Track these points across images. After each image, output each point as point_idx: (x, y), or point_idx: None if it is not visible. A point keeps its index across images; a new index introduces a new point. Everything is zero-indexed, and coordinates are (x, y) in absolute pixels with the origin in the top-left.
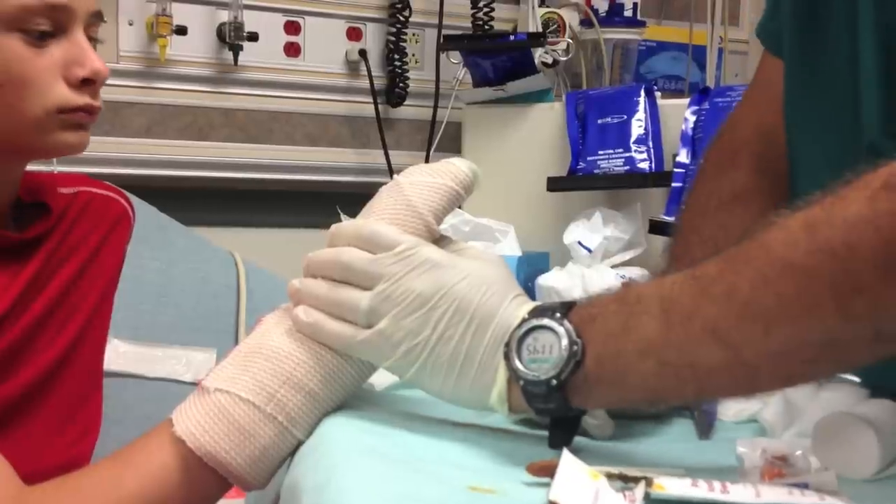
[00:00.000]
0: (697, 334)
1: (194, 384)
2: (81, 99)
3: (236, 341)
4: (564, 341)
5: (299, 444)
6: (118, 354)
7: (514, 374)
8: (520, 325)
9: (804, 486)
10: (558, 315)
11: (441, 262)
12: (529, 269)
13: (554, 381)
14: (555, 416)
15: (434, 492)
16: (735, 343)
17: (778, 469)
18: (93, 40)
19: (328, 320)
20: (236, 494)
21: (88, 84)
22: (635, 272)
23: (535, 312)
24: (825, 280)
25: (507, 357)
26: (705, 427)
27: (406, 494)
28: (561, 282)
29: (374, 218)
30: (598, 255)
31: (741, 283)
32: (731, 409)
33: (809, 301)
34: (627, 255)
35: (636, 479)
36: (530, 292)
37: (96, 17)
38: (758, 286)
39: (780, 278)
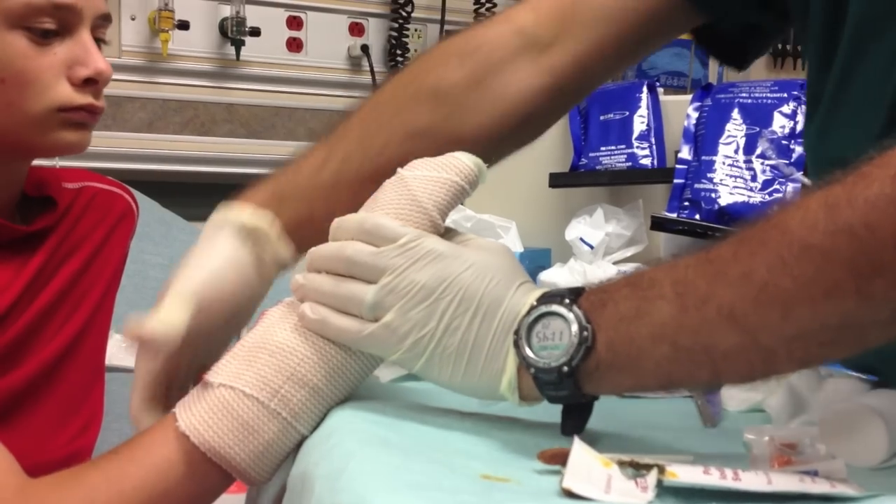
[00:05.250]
0: (713, 318)
1: None
2: (83, 98)
3: (237, 337)
4: (574, 327)
5: (303, 438)
6: (120, 349)
7: (524, 362)
8: (528, 312)
9: (814, 473)
10: (567, 301)
11: (445, 253)
12: (531, 266)
13: (565, 368)
14: (567, 402)
15: (448, 481)
16: (752, 327)
17: (787, 456)
18: (99, 41)
19: (334, 315)
20: (238, 489)
21: (91, 84)
22: None
23: (543, 299)
24: (844, 261)
25: (516, 345)
26: (709, 415)
27: (421, 484)
28: (562, 278)
29: (378, 212)
30: (600, 252)
31: (758, 265)
32: (734, 399)
33: (828, 284)
34: (629, 252)
35: (648, 467)
36: None
37: (104, 19)
38: (775, 269)
39: (798, 261)
